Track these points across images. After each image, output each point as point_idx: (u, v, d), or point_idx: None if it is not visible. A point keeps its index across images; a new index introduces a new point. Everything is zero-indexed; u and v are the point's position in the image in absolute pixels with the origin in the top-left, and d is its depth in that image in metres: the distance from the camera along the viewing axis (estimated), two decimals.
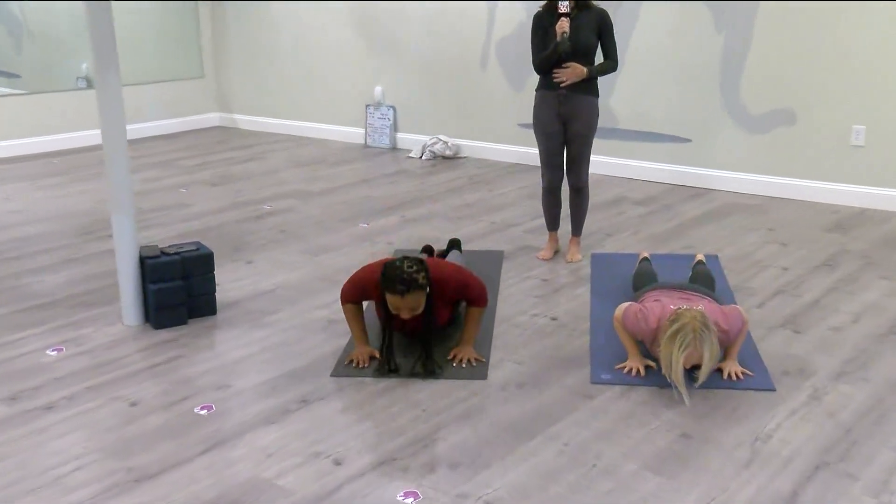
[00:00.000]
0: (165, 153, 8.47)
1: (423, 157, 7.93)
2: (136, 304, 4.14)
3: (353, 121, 8.80)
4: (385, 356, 3.58)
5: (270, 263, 5.06)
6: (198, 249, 4.22)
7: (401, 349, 3.75)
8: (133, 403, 3.39)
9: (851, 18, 5.87)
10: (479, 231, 5.64)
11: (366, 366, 3.63)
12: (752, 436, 3.08)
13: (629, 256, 4.96)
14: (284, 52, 9.20)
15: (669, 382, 3.33)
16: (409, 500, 2.73)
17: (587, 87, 4.70)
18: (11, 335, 4.08)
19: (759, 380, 3.48)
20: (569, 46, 4.53)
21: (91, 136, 8.76)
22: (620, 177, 7.02)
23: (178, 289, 4.09)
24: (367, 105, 8.59)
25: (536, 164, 5.70)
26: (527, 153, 7.47)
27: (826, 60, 6.02)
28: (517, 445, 3.04)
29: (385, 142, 8.50)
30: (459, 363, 3.66)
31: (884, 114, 5.87)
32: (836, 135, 6.08)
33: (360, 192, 6.73)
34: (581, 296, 4.47)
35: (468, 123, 7.96)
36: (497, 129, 7.77)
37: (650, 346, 3.52)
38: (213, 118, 10.05)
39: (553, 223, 5.08)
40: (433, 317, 3.61)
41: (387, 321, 3.61)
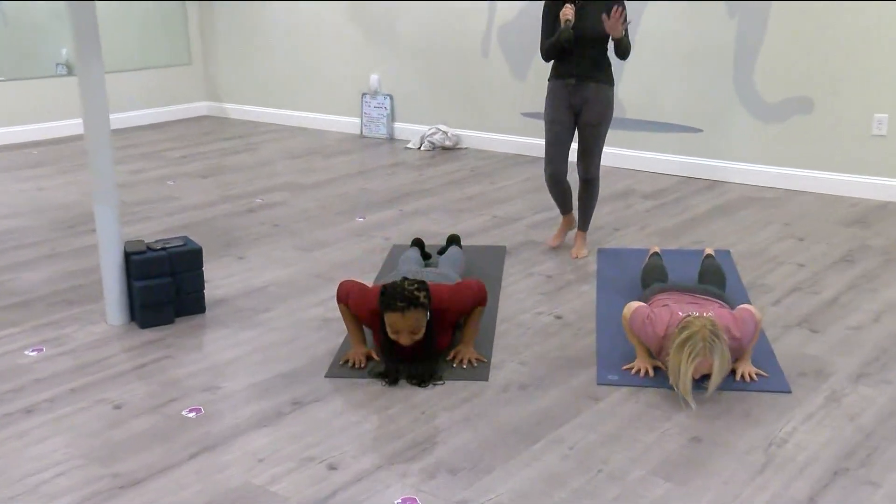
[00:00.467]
0: (151, 144, 8.43)
1: (422, 148, 7.90)
2: (121, 302, 4.10)
3: (349, 110, 8.76)
4: (393, 376, 3.50)
5: (262, 259, 5.03)
6: (185, 245, 4.20)
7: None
8: (118, 406, 3.35)
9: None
10: (481, 225, 5.62)
11: (362, 366, 3.61)
12: (767, 440, 3.03)
13: (637, 252, 4.94)
14: (276, 38, 9.12)
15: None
16: None
17: (599, 75, 4.66)
18: None
19: (774, 381, 3.45)
20: (571, 34, 4.50)
21: (72, 126, 8.70)
22: (629, 168, 7.01)
23: (165, 286, 4.07)
24: (364, 93, 8.55)
25: (541, 156, 5.75)
26: (531, 144, 7.44)
27: (846, 45, 5.92)
28: (520, 449, 3.01)
29: (382, 132, 8.47)
30: (460, 364, 3.64)
31: None
32: (857, 124, 5.99)
33: (356, 185, 6.71)
34: (587, 293, 4.45)
35: (469, 113, 7.91)
36: (499, 119, 7.72)
37: (657, 355, 3.51)
38: (202, 107, 9.97)
39: (564, 207, 5.04)
40: (434, 342, 3.55)
41: (386, 346, 3.52)
